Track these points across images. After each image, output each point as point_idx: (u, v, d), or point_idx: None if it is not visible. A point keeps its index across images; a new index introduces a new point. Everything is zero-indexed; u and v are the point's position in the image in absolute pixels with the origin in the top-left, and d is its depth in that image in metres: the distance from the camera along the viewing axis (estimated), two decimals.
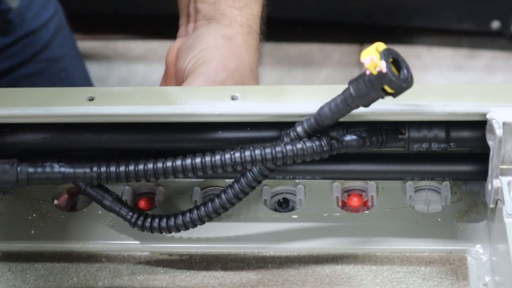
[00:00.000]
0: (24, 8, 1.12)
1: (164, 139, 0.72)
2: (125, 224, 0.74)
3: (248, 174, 0.69)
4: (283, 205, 0.77)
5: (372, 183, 0.76)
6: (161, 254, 0.75)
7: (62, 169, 0.68)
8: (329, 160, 0.69)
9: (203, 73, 0.81)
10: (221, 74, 0.81)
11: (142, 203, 0.77)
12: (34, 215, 0.77)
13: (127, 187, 0.77)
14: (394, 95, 0.63)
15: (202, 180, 0.78)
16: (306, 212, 0.75)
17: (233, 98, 0.71)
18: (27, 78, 1.15)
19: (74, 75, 1.24)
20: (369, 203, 0.76)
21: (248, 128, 0.71)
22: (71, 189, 0.79)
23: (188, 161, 0.67)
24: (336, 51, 1.96)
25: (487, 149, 0.69)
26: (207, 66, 0.82)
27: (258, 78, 0.87)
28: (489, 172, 0.69)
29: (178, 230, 0.72)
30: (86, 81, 1.29)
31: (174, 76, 0.88)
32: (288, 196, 0.77)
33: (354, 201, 0.76)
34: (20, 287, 0.73)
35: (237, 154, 0.67)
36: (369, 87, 0.63)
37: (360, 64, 0.61)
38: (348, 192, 0.77)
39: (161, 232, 0.73)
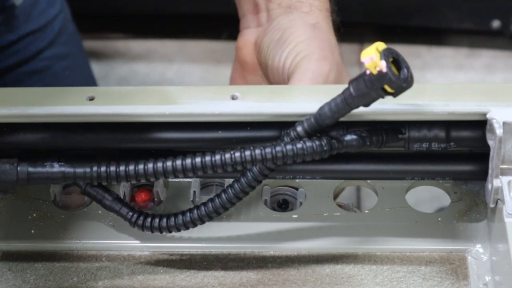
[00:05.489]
0: (30, 6, 1.12)
1: (164, 139, 0.72)
2: (125, 224, 0.74)
3: (248, 174, 0.69)
4: (283, 206, 0.77)
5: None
6: (161, 254, 0.75)
7: (62, 169, 0.69)
8: (329, 160, 0.69)
9: (309, 69, 0.80)
10: (325, 67, 0.81)
11: (142, 195, 0.77)
12: (34, 214, 0.77)
13: None
14: (394, 94, 0.63)
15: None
16: (306, 211, 0.75)
17: (233, 97, 0.71)
18: (31, 75, 1.15)
19: (78, 73, 1.24)
20: None
21: (248, 128, 0.71)
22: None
23: (188, 160, 0.67)
24: None
25: (487, 148, 0.69)
26: (310, 60, 0.81)
27: None
28: (489, 171, 0.69)
29: (178, 230, 0.72)
30: (90, 79, 1.29)
31: (254, 70, 0.87)
32: (287, 198, 0.77)
33: None
34: (20, 287, 0.73)
35: (237, 154, 0.67)
36: (369, 87, 0.63)
37: (360, 64, 0.62)
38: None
39: (161, 232, 0.73)
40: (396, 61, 0.63)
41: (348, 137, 0.68)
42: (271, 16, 0.87)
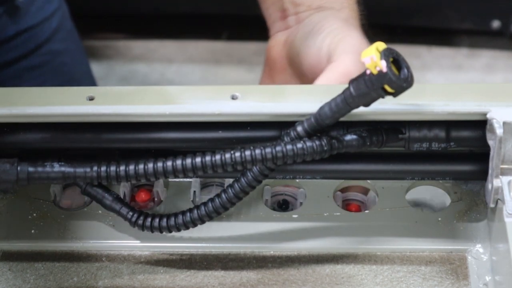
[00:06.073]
0: (28, 2, 1.13)
1: (164, 139, 0.72)
2: (126, 224, 0.74)
3: (249, 174, 0.69)
4: (283, 207, 0.77)
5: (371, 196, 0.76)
6: (162, 254, 0.75)
7: (62, 169, 0.69)
8: (329, 160, 0.69)
9: (354, 44, 0.81)
10: (366, 45, 0.81)
11: (142, 195, 0.77)
12: (35, 214, 0.77)
13: None
14: (395, 94, 0.63)
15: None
16: (306, 211, 0.75)
17: (233, 97, 0.71)
18: (29, 71, 1.16)
19: (76, 69, 1.25)
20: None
21: (248, 128, 0.71)
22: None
23: (188, 160, 0.67)
24: None
25: (487, 148, 0.69)
26: (351, 39, 0.81)
27: None
28: (489, 171, 0.69)
29: (178, 230, 0.72)
30: (88, 76, 1.30)
31: (282, 69, 0.88)
32: (287, 198, 0.77)
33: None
34: (20, 287, 0.73)
35: (237, 154, 0.67)
36: (369, 87, 0.63)
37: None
38: (347, 201, 0.78)
39: (161, 232, 0.73)
40: (396, 61, 0.63)
41: (348, 137, 0.68)
42: (301, 17, 0.88)
